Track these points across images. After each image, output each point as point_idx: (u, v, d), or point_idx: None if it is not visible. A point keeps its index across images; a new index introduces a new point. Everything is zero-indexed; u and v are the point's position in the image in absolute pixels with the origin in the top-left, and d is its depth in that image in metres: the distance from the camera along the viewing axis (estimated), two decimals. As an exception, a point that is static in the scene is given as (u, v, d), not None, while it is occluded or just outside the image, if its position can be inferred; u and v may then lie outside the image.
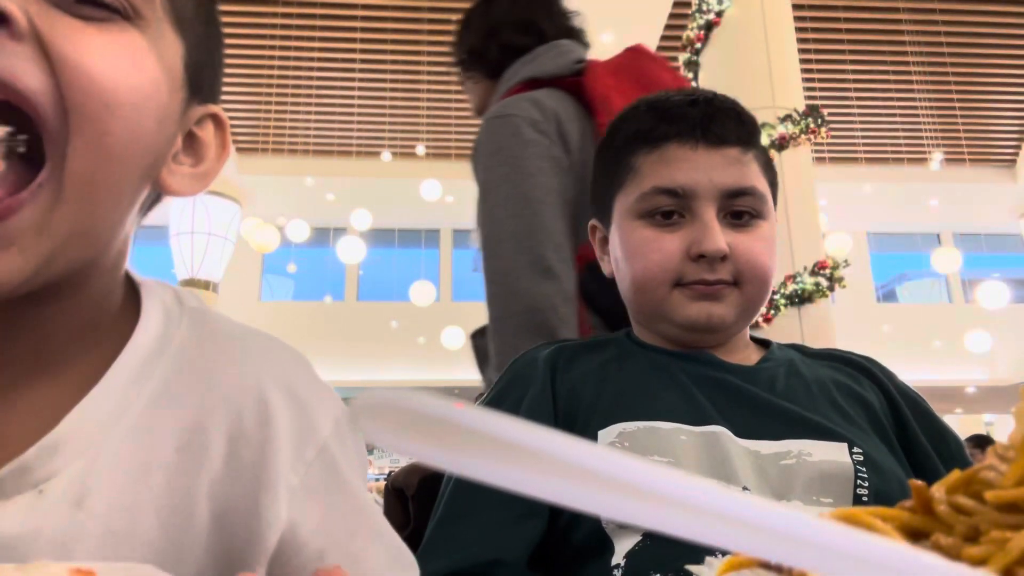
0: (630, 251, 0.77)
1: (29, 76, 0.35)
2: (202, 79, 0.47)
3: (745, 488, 0.64)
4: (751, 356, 0.81)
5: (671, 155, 0.76)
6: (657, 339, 0.81)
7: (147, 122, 0.40)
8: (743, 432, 0.69)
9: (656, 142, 0.77)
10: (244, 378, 0.45)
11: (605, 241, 0.85)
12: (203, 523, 0.41)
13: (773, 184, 0.81)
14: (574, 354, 0.79)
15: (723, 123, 0.76)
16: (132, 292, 0.47)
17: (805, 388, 0.75)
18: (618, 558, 0.63)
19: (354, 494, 0.46)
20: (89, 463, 0.39)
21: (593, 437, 0.69)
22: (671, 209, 0.75)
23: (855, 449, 0.67)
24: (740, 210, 0.75)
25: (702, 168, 0.74)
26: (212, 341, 0.47)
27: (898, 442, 0.73)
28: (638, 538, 0.63)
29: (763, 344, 0.84)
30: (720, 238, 0.73)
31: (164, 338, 0.45)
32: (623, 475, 0.13)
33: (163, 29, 0.42)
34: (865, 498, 0.64)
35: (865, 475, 0.66)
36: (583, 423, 0.71)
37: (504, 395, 0.77)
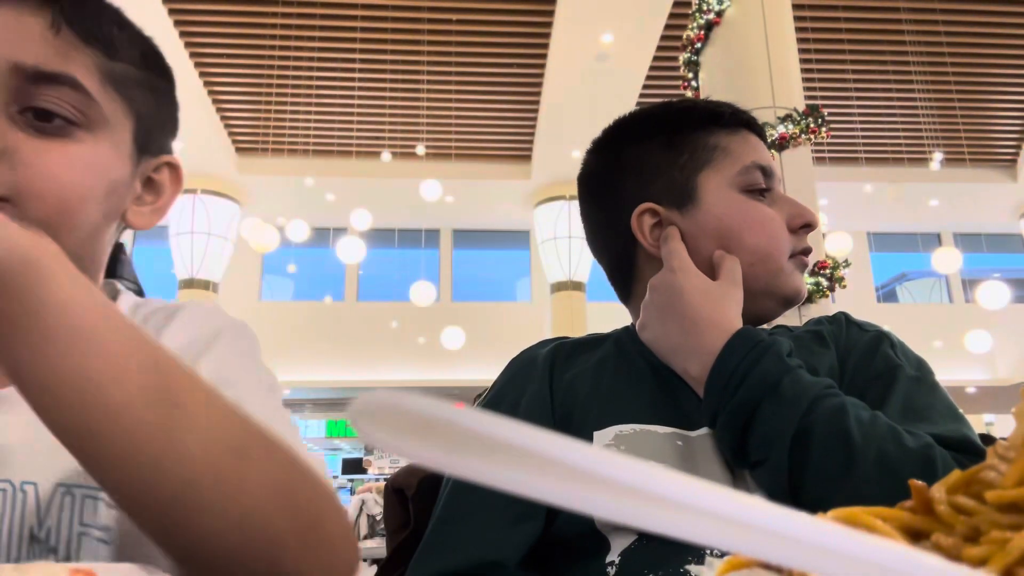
0: (750, 224, 0.77)
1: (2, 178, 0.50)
2: (151, 141, 0.60)
3: None
4: None
5: (753, 141, 0.82)
6: None
7: (91, 200, 0.54)
8: None
9: (734, 126, 0.82)
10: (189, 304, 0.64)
11: (658, 226, 0.80)
12: None
13: None
14: (571, 352, 0.79)
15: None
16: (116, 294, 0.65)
17: None
18: (613, 555, 0.63)
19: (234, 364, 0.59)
20: None
21: (588, 437, 0.69)
22: (765, 185, 0.80)
23: None
24: None
25: (766, 154, 0.83)
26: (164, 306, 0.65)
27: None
28: (633, 537, 0.63)
29: None
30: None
31: (135, 305, 0.64)
32: (621, 476, 0.13)
33: (116, 118, 0.56)
34: None
35: None
36: (578, 422, 0.71)
37: (503, 394, 0.77)
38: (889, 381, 0.70)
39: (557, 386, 0.75)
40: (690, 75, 5.02)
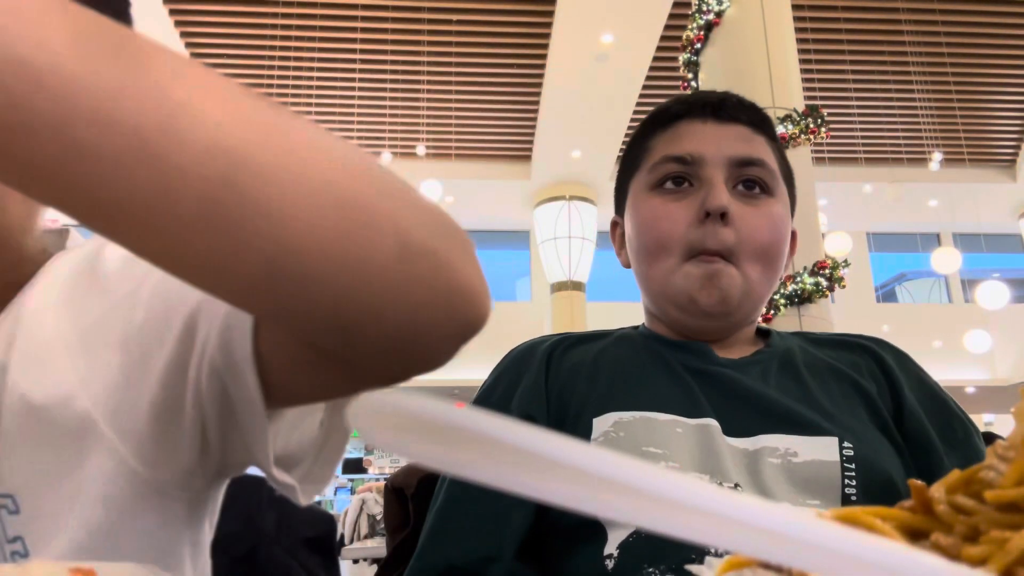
0: (641, 222, 0.77)
1: None
2: None
3: (737, 485, 0.64)
4: (749, 350, 0.79)
5: (681, 130, 0.79)
6: (662, 326, 0.80)
7: None
8: (732, 428, 0.68)
9: (669, 122, 0.80)
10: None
11: (624, 236, 0.85)
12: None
13: (788, 177, 0.82)
14: (574, 343, 0.79)
15: (734, 105, 0.79)
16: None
17: (797, 379, 0.74)
18: (611, 548, 0.62)
19: None
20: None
21: (587, 425, 0.69)
22: (680, 175, 0.75)
23: (845, 444, 0.66)
24: (750, 179, 0.76)
25: (710, 138, 0.76)
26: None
27: (899, 429, 0.71)
28: (631, 529, 0.62)
29: (765, 334, 0.83)
30: (723, 196, 0.72)
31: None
32: (620, 475, 0.13)
33: None
34: (854, 497, 0.63)
35: (853, 473, 0.64)
36: (576, 411, 0.71)
37: (498, 383, 0.77)
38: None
39: (554, 374, 0.75)
40: (690, 75, 5.02)
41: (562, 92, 7.96)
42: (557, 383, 0.74)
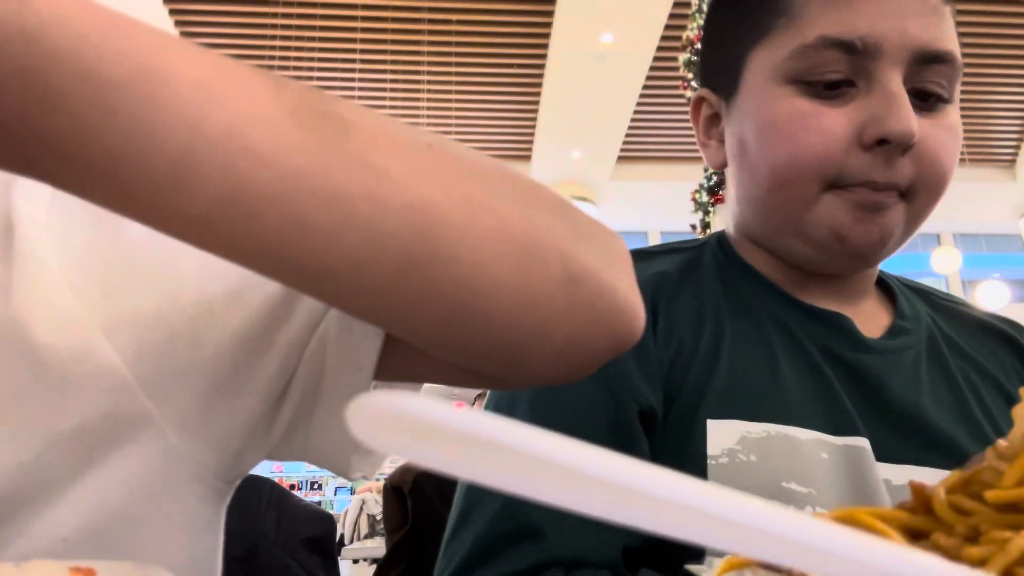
0: (774, 128, 0.54)
1: None
2: None
3: None
4: (880, 314, 0.62)
5: None
6: (768, 260, 0.61)
7: None
8: (883, 450, 0.53)
9: None
10: None
11: (715, 119, 0.63)
12: None
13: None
14: (677, 287, 0.59)
15: None
16: None
17: (950, 384, 0.59)
18: None
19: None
20: None
21: (702, 427, 0.52)
22: (839, 78, 0.53)
23: None
24: (929, 89, 0.54)
25: (892, 11, 0.52)
26: None
27: None
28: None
29: (882, 285, 0.65)
30: (912, 117, 0.51)
31: None
32: (621, 477, 0.13)
33: None
34: None
35: None
36: (688, 400, 0.53)
37: None
38: None
39: (660, 333, 0.55)
40: (690, 75, 5.02)
41: (562, 92, 7.96)
42: (662, 345, 0.55)
